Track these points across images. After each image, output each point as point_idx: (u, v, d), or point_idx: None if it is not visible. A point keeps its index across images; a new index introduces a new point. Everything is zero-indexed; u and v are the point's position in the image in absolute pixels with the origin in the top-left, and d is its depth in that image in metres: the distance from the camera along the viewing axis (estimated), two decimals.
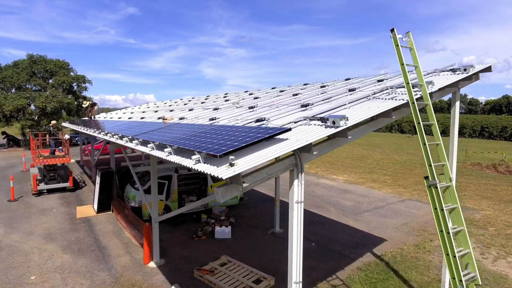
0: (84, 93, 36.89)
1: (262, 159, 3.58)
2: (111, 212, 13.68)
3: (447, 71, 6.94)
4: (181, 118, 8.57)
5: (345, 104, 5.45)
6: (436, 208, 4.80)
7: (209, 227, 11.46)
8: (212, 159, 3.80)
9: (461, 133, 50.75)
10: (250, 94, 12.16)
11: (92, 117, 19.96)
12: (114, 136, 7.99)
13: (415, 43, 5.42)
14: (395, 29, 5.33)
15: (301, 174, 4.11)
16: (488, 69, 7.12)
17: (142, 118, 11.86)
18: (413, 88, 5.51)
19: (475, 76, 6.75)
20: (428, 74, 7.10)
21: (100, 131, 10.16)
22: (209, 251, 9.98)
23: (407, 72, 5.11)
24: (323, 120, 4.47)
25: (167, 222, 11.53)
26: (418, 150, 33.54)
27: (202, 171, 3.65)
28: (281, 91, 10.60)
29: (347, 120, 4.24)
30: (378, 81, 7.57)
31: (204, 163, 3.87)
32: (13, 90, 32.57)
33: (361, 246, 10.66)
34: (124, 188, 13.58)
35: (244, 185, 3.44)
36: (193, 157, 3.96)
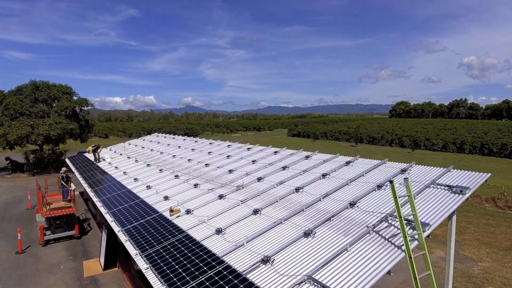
0: (87, 111, 37.28)
1: None
2: (117, 269, 13.98)
3: (443, 186, 7.22)
4: (187, 211, 8.88)
5: (346, 249, 5.74)
6: None
7: None
8: None
9: (461, 149, 51.00)
10: (253, 161, 12.45)
11: (98, 157, 20.33)
12: (121, 234, 8.30)
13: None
14: (393, 181, 5.63)
15: None
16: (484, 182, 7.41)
17: (148, 187, 12.16)
18: (407, 224, 5.81)
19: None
20: (425, 186, 7.38)
21: (107, 210, 10.46)
22: None
23: (404, 226, 5.40)
24: None
25: None
26: None
27: None
28: (283, 168, 10.90)
29: None
30: (378, 186, 7.86)
31: None
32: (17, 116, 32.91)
33: None
34: None
35: None
36: None
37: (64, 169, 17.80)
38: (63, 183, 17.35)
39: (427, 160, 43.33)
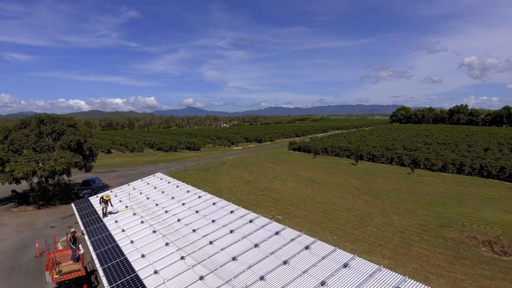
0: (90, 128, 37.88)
1: None
2: None
3: None
4: None
5: None
6: None
7: None
8: None
9: (460, 170, 51.53)
10: (256, 246, 13.04)
11: (106, 211, 20.94)
12: None
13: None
14: None
15: None
16: None
17: (155, 272, 12.74)
18: None
19: None
20: None
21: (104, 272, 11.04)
22: None
23: None
24: None
25: None
26: (417, 205, 34.34)
27: None
28: (284, 263, 11.50)
29: None
30: None
31: None
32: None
33: None
34: None
35: None
36: None
37: (73, 229, 18.44)
38: (71, 245, 17.99)
39: (425, 185, 43.85)
